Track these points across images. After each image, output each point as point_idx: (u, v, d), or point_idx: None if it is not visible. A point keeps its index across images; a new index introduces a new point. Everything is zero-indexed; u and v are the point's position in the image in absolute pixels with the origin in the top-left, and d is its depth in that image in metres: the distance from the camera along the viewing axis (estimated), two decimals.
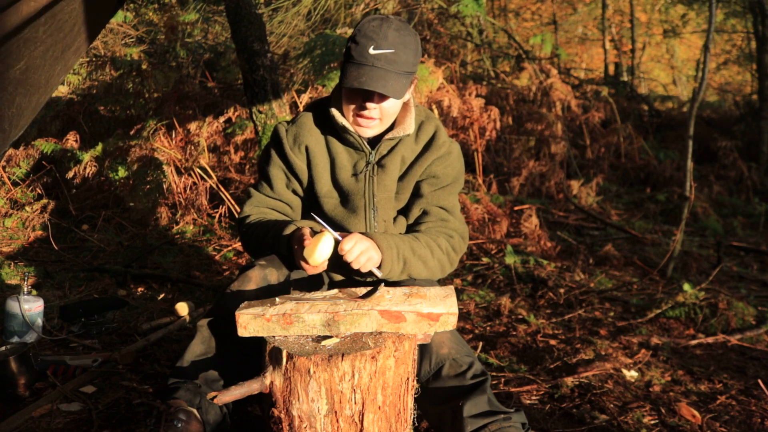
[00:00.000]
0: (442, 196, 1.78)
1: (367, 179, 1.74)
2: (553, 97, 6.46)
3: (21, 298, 2.31)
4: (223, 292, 1.68)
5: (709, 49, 3.97)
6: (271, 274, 1.68)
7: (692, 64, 15.36)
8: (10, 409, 1.84)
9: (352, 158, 1.76)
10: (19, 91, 1.71)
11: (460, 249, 1.80)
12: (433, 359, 1.59)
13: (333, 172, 1.76)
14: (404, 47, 1.60)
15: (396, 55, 1.59)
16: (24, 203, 4.33)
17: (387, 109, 1.66)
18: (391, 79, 1.59)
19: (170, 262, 3.58)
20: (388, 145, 1.75)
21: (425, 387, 1.60)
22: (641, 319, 3.02)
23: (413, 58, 1.63)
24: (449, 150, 1.77)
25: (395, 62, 1.59)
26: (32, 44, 1.61)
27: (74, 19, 1.71)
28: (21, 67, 1.64)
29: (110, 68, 5.98)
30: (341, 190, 1.77)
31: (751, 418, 2.03)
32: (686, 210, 3.93)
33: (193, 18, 7.14)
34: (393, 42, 1.59)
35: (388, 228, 1.78)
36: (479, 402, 1.53)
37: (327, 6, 5.10)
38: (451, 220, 1.79)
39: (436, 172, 1.76)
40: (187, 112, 4.82)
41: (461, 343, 1.64)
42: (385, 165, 1.73)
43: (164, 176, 4.28)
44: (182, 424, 1.46)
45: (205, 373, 1.63)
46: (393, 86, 1.59)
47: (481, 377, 1.58)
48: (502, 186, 5.92)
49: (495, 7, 13.02)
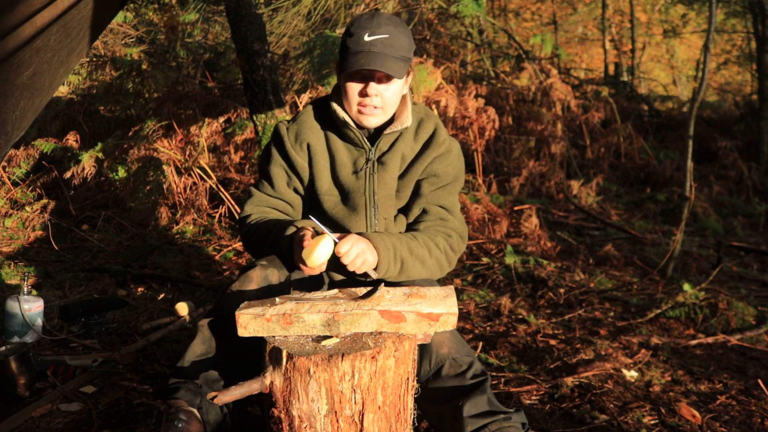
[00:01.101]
0: (442, 195, 1.78)
1: (367, 177, 1.74)
2: (553, 97, 6.46)
3: (21, 298, 2.31)
4: (224, 292, 1.69)
5: (709, 49, 3.97)
6: (272, 274, 1.68)
7: (692, 64, 15.36)
8: (10, 409, 1.83)
9: (352, 155, 1.77)
10: (25, 95, 1.72)
11: (458, 248, 1.80)
12: (433, 359, 1.59)
13: (333, 169, 1.77)
14: (398, 33, 1.64)
15: (391, 40, 1.62)
16: (24, 203, 4.33)
17: (387, 97, 1.68)
18: (389, 60, 1.62)
19: (170, 262, 3.58)
20: (387, 141, 1.75)
21: (425, 387, 1.60)
22: (641, 319, 3.02)
23: (408, 44, 1.66)
24: (449, 148, 1.78)
25: (391, 46, 1.62)
26: (43, 52, 1.62)
27: (82, 24, 1.72)
28: (29, 74, 1.65)
29: (110, 68, 5.98)
30: (342, 188, 1.77)
31: (751, 418, 2.03)
32: (686, 210, 3.93)
33: (193, 18, 7.13)
34: (386, 29, 1.63)
35: (388, 226, 1.78)
36: (479, 402, 1.53)
37: (327, 6, 5.10)
38: (450, 219, 1.79)
39: (437, 171, 1.76)
40: (187, 112, 4.82)
41: (461, 343, 1.64)
42: (385, 162, 1.74)
43: (164, 176, 4.28)
44: (183, 424, 1.46)
45: (206, 373, 1.63)
46: (392, 66, 1.62)
47: (481, 377, 1.58)
48: (502, 186, 5.92)
49: (495, 7, 13.02)
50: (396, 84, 1.67)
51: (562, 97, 6.48)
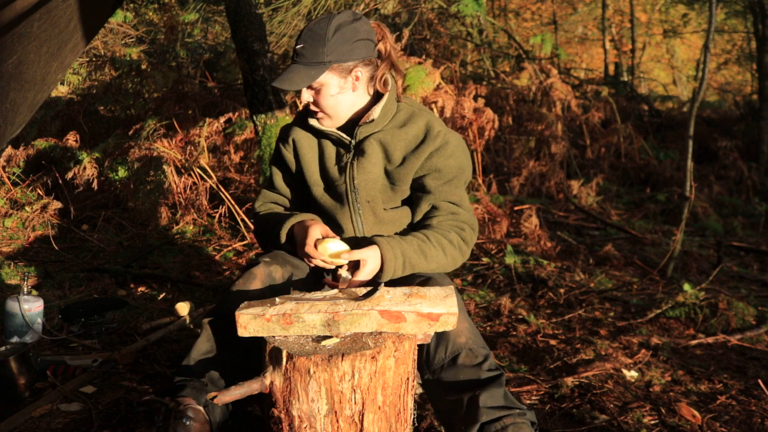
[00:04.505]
0: (449, 190, 1.79)
1: (348, 165, 1.80)
2: (553, 97, 6.46)
3: (21, 298, 2.31)
4: (227, 290, 1.70)
5: (709, 49, 3.96)
6: (275, 271, 1.71)
7: (692, 64, 15.36)
8: (10, 409, 1.84)
9: (338, 149, 1.83)
10: (12, 85, 1.72)
11: (471, 240, 1.83)
12: (449, 347, 1.59)
13: (321, 161, 1.85)
14: (313, 39, 1.65)
15: (303, 49, 1.66)
16: (24, 203, 4.33)
17: (322, 102, 1.72)
18: (294, 72, 1.66)
19: (170, 262, 3.58)
20: (363, 132, 1.79)
21: (439, 375, 1.60)
22: (641, 319, 3.02)
23: (322, 48, 1.65)
24: (445, 140, 1.76)
25: (303, 55, 1.66)
26: (26, 39, 1.62)
27: (70, 15, 1.71)
28: (13, 62, 1.64)
29: (110, 68, 5.99)
30: (326, 178, 1.84)
31: (751, 418, 2.03)
32: (686, 210, 3.93)
33: (193, 18, 7.14)
34: (304, 36, 1.67)
35: (375, 210, 1.81)
36: (496, 395, 1.54)
37: (327, 6, 5.10)
38: (461, 213, 1.81)
39: (438, 166, 1.75)
40: (187, 112, 4.82)
41: (478, 335, 1.65)
42: (363, 149, 1.78)
43: (164, 176, 4.28)
44: (190, 421, 1.48)
45: (211, 372, 1.65)
46: (292, 78, 1.66)
47: (497, 371, 1.59)
48: (502, 186, 5.92)
49: (495, 7, 13.02)
50: (327, 88, 1.69)
51: (562, 97, 6.48)
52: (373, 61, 1.73)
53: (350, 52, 1.67)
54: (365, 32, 1.69)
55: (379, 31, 1.76)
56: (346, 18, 1.68)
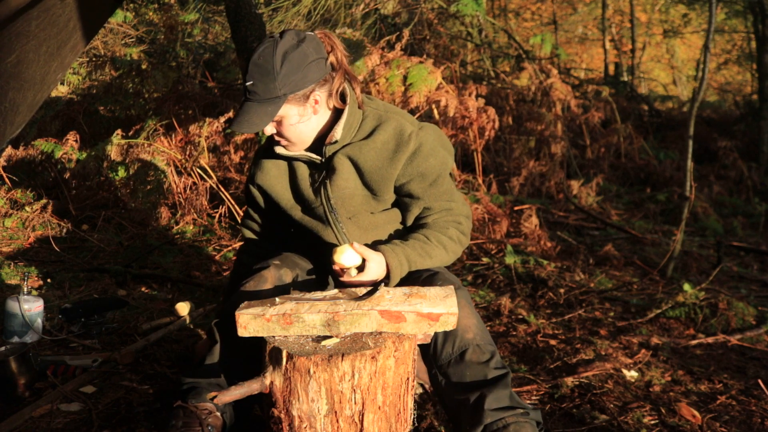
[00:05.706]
0: (437, 190, 1.76)
1: (321, 186, 1.76)
2: (553, 97, 6.46)
3: (21, 298, 2.31)
4: (238, 291, 1.68)
5: (709, 49, 3.96)
6: (285, 274, 1.72)
7: (692, 64, 15.37)
8: (10, 409, 1.83)
9: (310, 171, 1.79)
10: (12, 85, 1.71)
11: (468, 230, 1.84)
12: (457, 342, 1.59)
13: (294, 185, 1.81)
14: (261, 75, 1.57)
15: (254, 86, 1.58)
16: (24, 203, 4.33)
17: (284, 132, 1.67)
18: (251, 112, 1.59)
19: (170, 262, 3.58)
20: (330, 150, 1.74)
21: (446, 371, 1.60)
22: (641, 319, 3.02)
23: (273, 83, 1.56)
24: (419, 141, 1.70)
25: (255, 93, 1.58)
26: (24, 38, 1.62)
27: (69, 14, 1.71)
28: (12, 61, 1.64)
29: (110, 68, 5.98)
30: (302, 201, 1.81)
31: (751, 418, 2.03)
32: (686, 210, 3.93)
33: (193, 18, 7.14)
34: (252, 72, 1.58)
35: (359, 223, 1.79)
36: (501, 396, 1.54)
37: (327, 6, 5.10)
38: (454, 207, 1.80)
39: (419, 170, 1.70)
40: (187, 112, 4.81)
41: (486, 332, 1.65)
42: (334, 167, 1.73)
43: (164, 176, 4.28)
44: (210, 428, 1.54)
45: (219, 378, 1.67)
46: (251, 120, 1.58)
47: (503, 370, 1.59)
48: (502, 186, 5.92)
49: (495, 7, 13.03)
50: (287, 119, 1.64)
51: (562, 97, 6.48)
52: (328, 78, 1.65)
53: (303, 79, 1.58)
54: (314, 52, 1.60)
55: (327, 42, 1.66)
56: (291, 42, 1.57)
